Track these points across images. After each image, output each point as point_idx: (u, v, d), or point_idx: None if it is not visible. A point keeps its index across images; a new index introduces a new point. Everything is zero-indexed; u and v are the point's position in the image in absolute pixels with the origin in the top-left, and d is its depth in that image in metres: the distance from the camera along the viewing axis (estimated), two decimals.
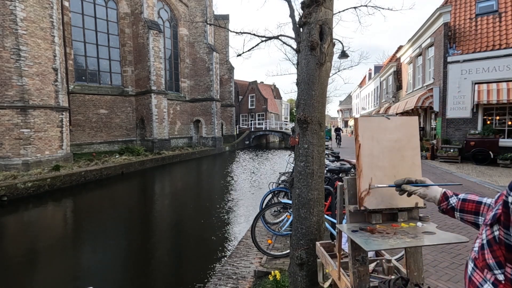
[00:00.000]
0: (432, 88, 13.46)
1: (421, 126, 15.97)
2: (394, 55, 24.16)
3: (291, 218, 4.03)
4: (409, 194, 1.31)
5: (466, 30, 12.93)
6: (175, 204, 10.44)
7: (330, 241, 2.36)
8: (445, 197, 1.17)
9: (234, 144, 29.82)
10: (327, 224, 3.68)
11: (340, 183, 1.95)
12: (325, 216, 3.46)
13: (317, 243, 2.27)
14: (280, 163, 17.88)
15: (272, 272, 3.27)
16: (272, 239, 4.68)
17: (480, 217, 0.88)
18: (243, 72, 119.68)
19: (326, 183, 4.78)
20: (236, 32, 3.85)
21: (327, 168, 5.39)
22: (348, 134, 42.30)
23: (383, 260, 2.06)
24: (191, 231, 7.45)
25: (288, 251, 3.75)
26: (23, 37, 11.75)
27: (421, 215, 1.77)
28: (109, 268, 5.45)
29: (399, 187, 1.35)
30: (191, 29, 25.35)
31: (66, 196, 10.91)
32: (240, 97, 39.86)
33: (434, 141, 13.81)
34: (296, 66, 2.60)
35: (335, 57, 10.26)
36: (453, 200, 1.12)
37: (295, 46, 2.69)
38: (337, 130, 23.57)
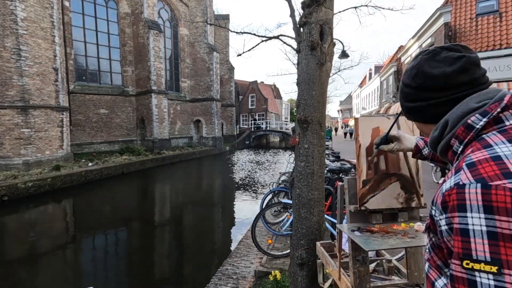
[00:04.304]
0: None
1: None
2: (395, 55, 24.15)
3: (291, 218, 4.03)
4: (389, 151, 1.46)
5: (467, 30, 12.91)
6: (175, 204, 10.45)
7: (331, 241, 2.35)
8: (417, 149, 1.33)
9: (235, 144, 29.82)
10: (327, 224, 3.68)
11: (340, 183, 1.95)
12: (326, 216, 3.45)
13: (318, 243, 2.27)
14: (281, 163, 17.87)
15: (273, 272, 3.27)
16: (273, 239, 4.68)
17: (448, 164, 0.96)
18: (244, 72, 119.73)
19: (327, 183, 4.77)
20: (237, 32, 3.85)
21: (327, 168, 5.39)
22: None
23: (384, 260, 2.06)
24: (192, 231, 7.45)
25: (289, 251, 3.75)
26: (24, 37, 11.76)
27: (421, 215, 1.77)
28: (110, 267, 5.45)
29: (377, 147, 1.49)
30: (192, 29, 25.34)
31: (67, 196, 10.92)
32: (240, 97, 39.84)
33: None
34: (296, 66, 2.60)
35: (336, 57, 10.26)
36: (425, 152, 1.30)
37: (295, 46, 2.69)
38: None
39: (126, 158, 16.13)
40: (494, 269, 0.47)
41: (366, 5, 3.97)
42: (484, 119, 0.60)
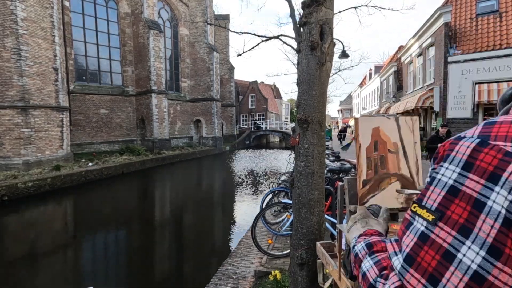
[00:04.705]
0: (432, 88, 13.44)
1: (422, 126, 15.96)
2: (395, 55, 24.15)
3: (291, 218, 4.03)
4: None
5: (467, 30, 12.91)
6: (175, 204, 10.45)
7: (331, 241, 2.35)
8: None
9: (235, 144, 29.81)
10: (327, 224, 3.68)
11: (340, 183, 1.95)
12: (326, 216, 3.46)
13: (318, 243, 2.27)
14: (281, 163, 17.87)
15: (273, 272, 3.27)
16: (273, 239, 4.68)
17: None
18: (244, 72, 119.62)
19: (327, 183, 4.78)
20: (237, 32, 3.85)
21: (327, 168, 5.39)
22: (348, 134, 42.28)
23: None
24: (192, 231, 7.46)
25: (289, 251, 3.75)
26: (24, 37, 11.76)
27: None
28: (110, 267, 5.45)
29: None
30: (192, 29, 25.34)
31: (67, 196, 10.92)
32: (240, 97, 39.83)
33: None
34: (296, 66, 2.60)
35: (336, 57, 10.26)
36: None
37: (295, 46, 2.69)
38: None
39: (126, 158, 16.13)
40: (431, 217, 0.48)
41: (366, 5, 3.97)
42: None
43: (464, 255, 0.43)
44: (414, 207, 0.52)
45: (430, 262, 0.46)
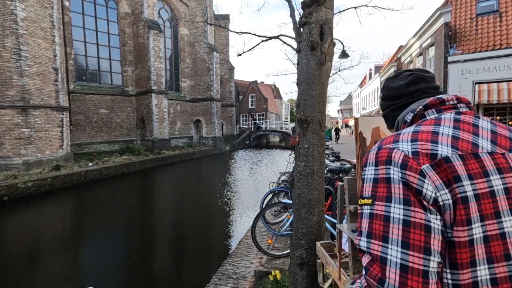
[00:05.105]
0: None
1: None
2: (395, 55, 24.14)
3: (291, 218, 4.03)
4: None
5: (467, 30, 12.90)
6: (175, 204, 10.45)
7: (331, 241, 2.35)
8: None
9: (235, 144, 29.81)
10: (327, 224, 3.68)
11: (340, 183, 1.95)
12: (326, 216, 3.46)
13: (318, 243, 2.27)
14: (280, 162, 17.85)
15: (273, 272, 3.27)
16: (273, 239, 4.68)
17: None
18: (244, 72, 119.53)
19: (327, 183, 4.77)
20: (237, 32, 3.85)
21: (327, 168, 5.39)
22: (348, 134, 42.26)
23: None
24: (192, 231, 7.46)
25: (289, 251, 3.75)
26: (24, 37, 11.76)
27: None
28: (110, 268, 5.45)
29: None
30: (192, 29, 25.34)
31: (67, 196, 10.92)
32: (240, 97, 39.83)
33: None
34: (296, 66, 2.60)
35: (336, 57, 10.25)
36: None
37: (295, 46, 2.69)
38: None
39: (126, 158, 16.13)
40: (370, 201, 0.69)
41: (366, 5, 3.97)
42: (412, 114, 0.82)
43: (394, 213, 0.63)
44: (360, 201, 0.73)
45: (379, 228, 0.65)
